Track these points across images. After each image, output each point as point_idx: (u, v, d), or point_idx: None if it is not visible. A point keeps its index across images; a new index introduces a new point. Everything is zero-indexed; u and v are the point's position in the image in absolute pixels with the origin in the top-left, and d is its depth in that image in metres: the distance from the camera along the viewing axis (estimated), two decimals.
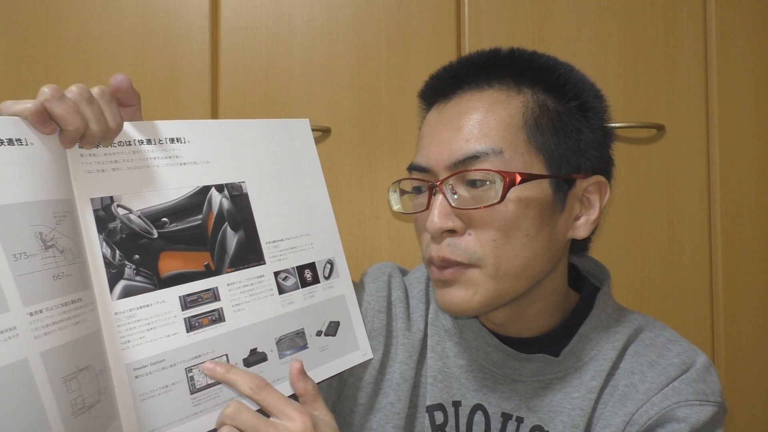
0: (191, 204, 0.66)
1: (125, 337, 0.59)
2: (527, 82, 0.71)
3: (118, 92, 0.61)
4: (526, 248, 0.68)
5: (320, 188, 0.78)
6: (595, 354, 0.74)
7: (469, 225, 0.68)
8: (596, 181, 0.73)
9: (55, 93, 0.54)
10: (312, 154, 0.78)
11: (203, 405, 0.63)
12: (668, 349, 0.73)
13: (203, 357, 0.63)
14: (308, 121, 0.78)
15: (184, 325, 0.63)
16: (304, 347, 0.72)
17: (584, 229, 0.73)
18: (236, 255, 0.68)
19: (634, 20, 1.21)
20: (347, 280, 0.78)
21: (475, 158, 0.67)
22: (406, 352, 0.79)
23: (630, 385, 0.71)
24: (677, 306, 1.21)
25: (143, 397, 0.59)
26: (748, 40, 1.22)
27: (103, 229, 0.59)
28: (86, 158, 0.59)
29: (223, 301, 0.66)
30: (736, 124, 1.22)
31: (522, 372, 0.75)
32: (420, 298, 0.83)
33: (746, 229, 1.22)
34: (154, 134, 0.64)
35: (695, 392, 0.68)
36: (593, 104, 0.73)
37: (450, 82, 0.74)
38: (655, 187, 1.21)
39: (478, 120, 0.69)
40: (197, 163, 0.67)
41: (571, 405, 0.72)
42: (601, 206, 0.73)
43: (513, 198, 0.66)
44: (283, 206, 0.74)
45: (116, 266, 0.59)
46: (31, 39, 1.18)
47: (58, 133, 0.56)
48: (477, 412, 0.76)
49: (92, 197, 0.59)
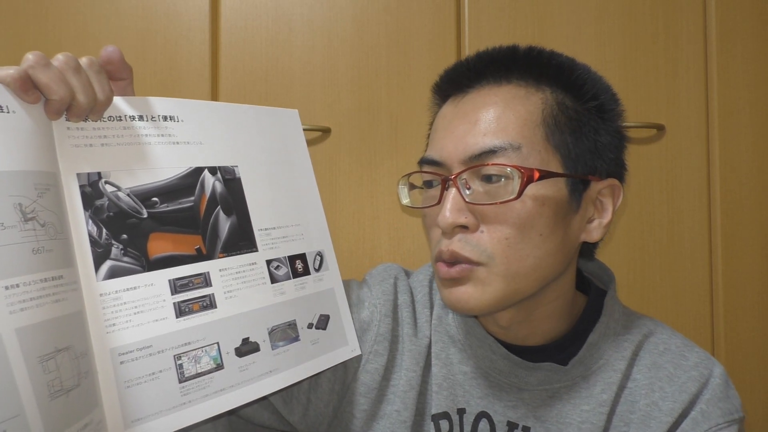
0: (183, 185, 0.62)
1: (110, 320, 0.54)
2: (546, 79, 0.69)
3: (109, 64, 0.58)
4: (539, 248, 0.65)
5: (310, 179, 0.75)
6: (603, 363, 0.71)
7: (482, 221, 0.65)
8: (610, 184, 0.70)
9: (40, 60, 0.50)
10: (302, 145, 0.75)
11: (192, 395, 0.58)
12: (684, 357, 0.70)
13: (193, 344, 0.59)
14: (297, 112, 0.75)
15: (173, 310, 0.58)
16: (296, 339, 0.68)
17: (597, 232, 0.70)
18: (228, 240, 0.64)
19: (634, 20, 1.20)
20: (336, 274, 0.75)
21: (492, 153, 0.64)
22: (413, 358, 0.75)
23: (652, 403, 0.68)
24: (677, 306, 1.19)
25: (128, 384, 0.54)
26: (748, 40, 1.20)
27: (90, 206, 0.55)
28: (73, 132, 0.55)
29: (214, 287, 0.62)
30: (736, 124, 1.20)
31: (528, 381, 0.72)
32: (425, 303, 0.79)
33: (746, 229, 1.20)
34: (147, 110, 0.61)
35: (723, 413, 0.66)
36: (611, 106, 0.71)
37: (467, 75, 0.71)
38: (655, 187, 1.19)
39: (495, 115, 0.66)
40: (190, 143, 0.63)
41: (580, 418, 0.69)
42: (614, 210, 0.71)
43: (530, 195, 0.64)
44: (275, 194, 0.70)
45: (102, 245, 0.55)
46: (31, 39, 1.16)
47: (43, 103, 0.52)
48: (482, 420, 0.72)
49: (78, 172, 0.55)
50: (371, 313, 0.77)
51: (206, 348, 0.60)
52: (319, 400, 0.75)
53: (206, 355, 0.60)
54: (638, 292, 1.18)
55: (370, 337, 0.76)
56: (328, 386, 0.75)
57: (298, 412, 0.75)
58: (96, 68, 0.55)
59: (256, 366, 0.63)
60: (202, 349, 0.60)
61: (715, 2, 1.19)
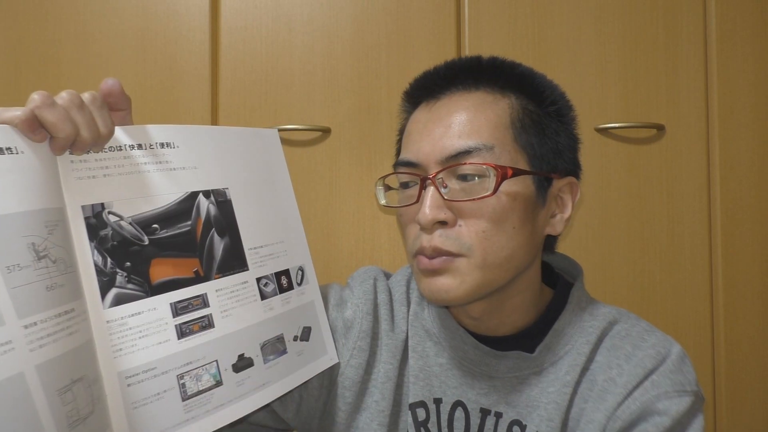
0: (180, 210, 0.64)
1: (117, 345, 0.57)
2: (510, 86, 0.75)
3: (109, 96, 0.59)
4: (512, 240, 0.71)
5: (290, 197, 0.78)
6: (570, 348, 0.75)
7: (460, 216, 0.71)
8: (569, 182, 0.77)
9: (46, 100, 0.52)
10: (282, 163, 0.78)
11: (195, 411, 0.61)
12: (643, 339, 0.74)
13: (194, 363, 0.62)
14: (277, 131, 0.79)
15: (175, 332, 0.61)
16: (284, 352, 0.71)
17: (559, 225, 0.77)
18: (223, 261, 0.67)
19: (634, 20, 1.19)
20: (315, 286, 0.79)
21: (467, 153, 0.70)
22: (390, 352, 0.80)
23: (609, 379, 0.72)
24: (677, 306, 1.20)
25: (135, 405, 0.58)
26: (748, 40, 1.20)
27: (95, 237, 0.57)
28: (77, 165, 0.57)
29: (212, 307, 0.65)
30: (736, 124, 1.20)
31: (498, 369, 0.76)
32: (402, 301, 0.85)
33: (746, 229, 1.20)
34: (145, 139, 0.63)
35: (673, 383, 0.69)
36: (567, 111, 0.78)
37: (439, 83, 0.77)
38: (655, 187, 1.20)
39: (468, 118, 0.72)
40: (186, 168, 0.66)
41: (546, 399, 0.73)
42: (573, 205, 0.77)
43: (504, 191, 0.70)
44: (261, 213, 0.73)
45: (108, 274, 0.58)
46: (31, 39, 1.17)
47: (48, 141, 0.54)
48: (457, 408, 0.77)
49: (83, 204, 0.57)
50: (354, 313, 0.82)
51: (206, 366, 0.63)
52: (310, 396, 0.80)
53: (206, 373, 0.63)
54: (638, 292, 1.19)
55: (354, 334, 0.81)
56: (317, 382, 0.80)
57: (291, 409, 0.81)
58: (98, 103, 0.56)
59: (251, 380, 0.67)
60: (202, 367, 0.63)
61: (715, 2, 1.19)
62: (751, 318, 1.20)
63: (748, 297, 1.20)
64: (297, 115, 1.19)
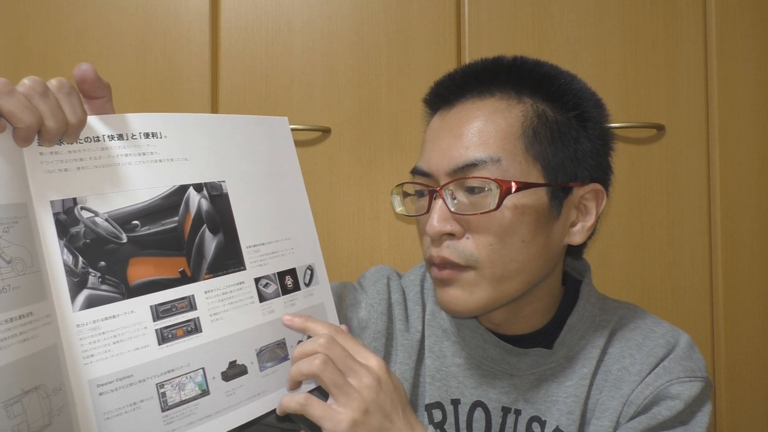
0: (166, 205, 0.56)
1: (88, 351, 0.49)
2: (528, 91, 0.68)
3: (83, 83, 0.52)
4: (522, 253, 0.66)
5: (300, 191, 0.68)
6: (585, 343, 0.73)
7: (468, 229, 0.66)
8: (593, 188, 0.70)
9: (3, 87, 0.45)
10: (291, 154, 0.68)
11: (176, 423, 0.53)
12: (653, 330, 0.72)
13: (177, 371, 0.54)
14: (287, 119, 0.69)
15: (155, 337, 0.53)
16: (285, 359, 0.62)
17: (580, 235, 0.70)
18: (215, 260, 0.58)
19: (634, 20, 1.13)
20: (327, 288, 0.69)
21: (473, 166, 0.65)
22: (405, 352, 0.76)
23: (622, 368, 0.70)
24: (677, 306, 1.14)
25: (108, 416, 0.50)
26: (748, 40, 1.13)
27: (65, 235, 0.50)
28: (47, 157, 0.50)
29: (199, 310, 0.56)
30: (736, 124, 1.14)
31: (519, 366, 0.73)
32: (416, 300, 0.79)
33: (746, 229, 1.14)
34: (126, 129, 0.55)
35: (684, 369, 0.68)
36: (592, 114, 0.70)
37: (453, 90, 0.71)
38: (655, 187, 1.14)
39: (478, 128, 0.67)
40: (174, 160, 0.57)
41: (565, 393, 0.71)
42: (597, 213, 0.71)
43: (509, 205, 0.65)
44: (264, 208, 0.64)
45: (78, 274, 0.50)
46: (31, 39, 1.10)
47: (12, 131, 0.47)
48: (477, 408, 0.73)
49: (52, 200, 0.49)
50: (368, 313, 0.77)
51: (191, 374, 0.55)
52: None
53: (191, 382, 0.55)
54: (638, 292, 1.14)
55: (369, 334, 0.76)
56: None
57: None
58: (66, 90, 0.49)
59: (243, 389, 0.58)
60: (186, 375, 0.55)
61: (715, 2, 1.13)
62: (751, 318, 1.14)
63: (748, 297, 1.14)
64: (297, 115, 1.12)
